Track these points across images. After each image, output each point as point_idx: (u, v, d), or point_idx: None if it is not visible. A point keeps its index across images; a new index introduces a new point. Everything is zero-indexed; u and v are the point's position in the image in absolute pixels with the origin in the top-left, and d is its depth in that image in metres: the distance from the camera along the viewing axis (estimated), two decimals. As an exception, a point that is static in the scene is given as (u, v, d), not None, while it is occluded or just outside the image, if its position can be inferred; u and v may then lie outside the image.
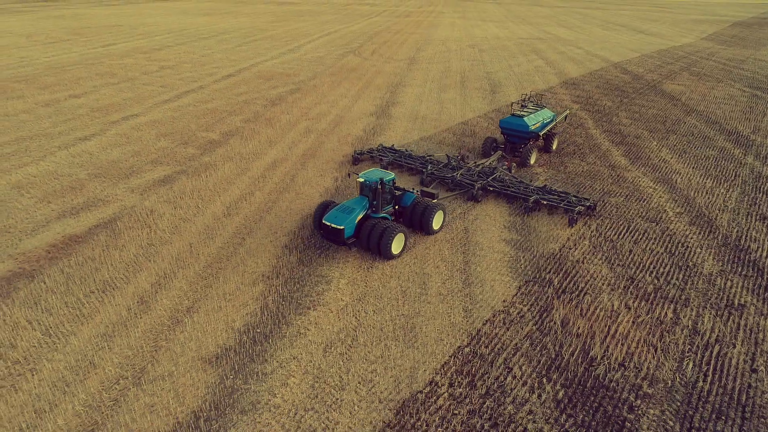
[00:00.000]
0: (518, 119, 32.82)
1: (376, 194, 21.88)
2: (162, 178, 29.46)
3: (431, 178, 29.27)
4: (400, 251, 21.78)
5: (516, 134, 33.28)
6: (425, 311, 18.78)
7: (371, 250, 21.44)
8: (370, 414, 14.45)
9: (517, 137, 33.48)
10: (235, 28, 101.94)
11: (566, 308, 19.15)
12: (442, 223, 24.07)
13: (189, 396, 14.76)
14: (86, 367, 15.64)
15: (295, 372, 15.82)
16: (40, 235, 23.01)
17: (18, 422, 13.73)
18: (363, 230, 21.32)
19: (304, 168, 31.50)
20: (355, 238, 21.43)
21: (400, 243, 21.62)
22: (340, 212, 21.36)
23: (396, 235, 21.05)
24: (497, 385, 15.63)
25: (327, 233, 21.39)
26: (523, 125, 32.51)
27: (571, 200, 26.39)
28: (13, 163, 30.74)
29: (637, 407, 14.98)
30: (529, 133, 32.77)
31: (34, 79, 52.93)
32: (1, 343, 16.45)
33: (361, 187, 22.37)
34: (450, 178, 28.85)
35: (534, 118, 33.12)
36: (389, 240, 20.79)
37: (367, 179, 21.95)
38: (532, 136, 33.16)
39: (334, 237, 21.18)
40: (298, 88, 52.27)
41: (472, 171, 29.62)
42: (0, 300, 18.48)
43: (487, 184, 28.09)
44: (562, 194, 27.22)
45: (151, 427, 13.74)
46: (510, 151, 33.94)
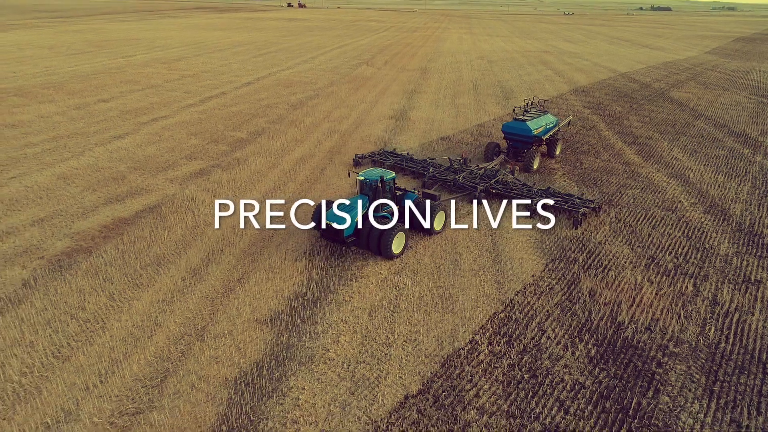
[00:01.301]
0: (521, 123, 32.61)
1: (377, 192, 21.49)
2: (198, 170, 30.90)
3: (433, 181, 28.93)
4: (400, 251, 21.30)
5: (519, 138, 33.04)
6: (460, 283, 19.98)
7: (371, 249, 20.96)
8: (417, 366, 15.61)
9: (519, 142, 33.21)
10: (249, 41, 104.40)
11: (593, 281, 20.34)
12: (444, 223, 23.70)
13: (249, 350, 15.97)
14: (151, 326, 16.87)
15: (345, 332, 17.02)
16: (91, 218, 24.38)
17: (97, 369, 14.95)
18: (363, 229, 20.84)
19: (332, 163, 32.91)
20: (354, 237, 20.95)
21: (400, 242, 21.15)
22: (339, 211, 20.68)
23: (396, 235, 20.63)
24: (533, 344, 16.79)
25: (326, 232, 21.02)
26: (525, 129, 32.31)
27: (575, 202, 26.12)
28: (54, 158, 32.26)
29: (665, 363, 16.10)
30: (531, 138, 32.53)
31: (62, 85, 54.81)
32: (71, 305, 17.71)
33: (361, 186, 21.92)
34: (452, 181, 28.49)
35: (537, 123, 32.99)
36: (389, 239, 20.34)
37: (368, 177, 21.53)
38: (534, 140, 32.94)
39: (333, 236, 20.83)
40: (316, 94, 53.97)
41: (474, 174, 29.39)
42: (64, 271, 19.77)
43: (490, 187, 27.63)
44: (566, 196, 26.89)
45: (218, 374, 14.94)
46: (513, 156, 33.77)
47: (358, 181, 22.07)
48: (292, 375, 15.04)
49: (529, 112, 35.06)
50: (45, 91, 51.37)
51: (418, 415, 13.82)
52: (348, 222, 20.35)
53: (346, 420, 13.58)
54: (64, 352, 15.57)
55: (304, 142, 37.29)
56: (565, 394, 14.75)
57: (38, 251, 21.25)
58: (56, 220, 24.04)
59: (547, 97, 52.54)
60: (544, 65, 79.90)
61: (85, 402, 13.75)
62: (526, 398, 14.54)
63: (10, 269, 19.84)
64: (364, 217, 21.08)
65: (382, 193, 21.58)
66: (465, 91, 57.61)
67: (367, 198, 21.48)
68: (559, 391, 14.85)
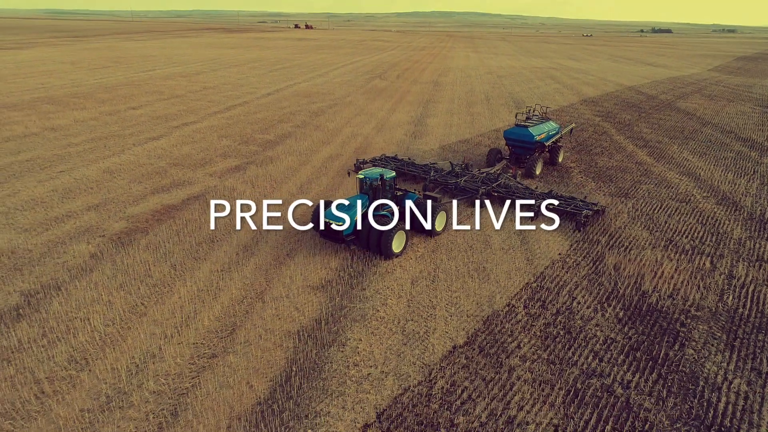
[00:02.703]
0: (523, 129, 32.54)
1: (377, 191, 21.38)
2: (234, 166, 32.66)
3: (434, 185, 28.69)
4: (401, 250, 21.00)
5: (521, 144, 32.98)
6: (492, 259, 21.50)
7: (370, 248, 20.57)
8: (461, 323, 17.08)
9: (521, 148, 33.13)
10: (262, 58, 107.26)
11: (616, 258, 21.84)
12: (445, 224, 23.44)
13: (306, 309, 17.47)
14: (215, 290, 18.40)
15: (391, 296, 18.52)
16: (142, 204, 26.06)
17: (172, 323, 16.46)
18: (363, 228, 20.62)
19: (361, 155, 34.61)
20: (354, 236, 20.80)
21: (400, 241, 20.88)
22: (339, 210, 20.57)
23: (396, 233, 20.38)
24: (565, 308, 18.25)
25: (325, 230, 20.99)
26: (527, 135, 32.27)
27: (578, 205, 25.82)
28: (97, 155, 34.09)
29: (688, 324, 17.52)
30: (533, 144, 32.47)
31: (90, 95, 57.03)
32: (138, 273, 19.28)
33: (361, 184, 21.68)
34: (453, 184, 28.12)
35: (539, 129, 32.96)
36: (389, 238, 20.09)
37: (367, 176, 21.37)
38: (537, 146, 32.86)
39: (332, 234, 20.78)
40: (335, 103, 56.03)
41: (476, 177, 29.12)
42: (125, 246, 21.38)
43: (492, 190, 27.43)
44: (568, 199, 26.70)
45: (281, 328, 16.42)
46: (515, 162, 33.51)
47: (357, 179, 21.88)
48: (348, 329, 16.51)
49: (531, 119, 35.04)
50: (75, 100, 53.52)
51: (467, 361, 15.25)
52: (347, 221, 20.25)
53: (402, 364, 15.01)
54: (139, 309, 17.10)
55: (329, 143, 39.09)
56: (599, 346, 16.16)
57: (98, 231, 22.88)
58: (110, 206, 25.71)
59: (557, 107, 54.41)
60: (552, 79, 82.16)
61: (167, 347, 15.24)
62: (563, 349, 15.95)
63: (76, 244, 21.46)
64: (363, 217, 20.85)
65: (382, 192, 21.37)
66: (478, 101, 59.61)
67: (366, 197, 21.28)
68: (593, 344, 16.26)
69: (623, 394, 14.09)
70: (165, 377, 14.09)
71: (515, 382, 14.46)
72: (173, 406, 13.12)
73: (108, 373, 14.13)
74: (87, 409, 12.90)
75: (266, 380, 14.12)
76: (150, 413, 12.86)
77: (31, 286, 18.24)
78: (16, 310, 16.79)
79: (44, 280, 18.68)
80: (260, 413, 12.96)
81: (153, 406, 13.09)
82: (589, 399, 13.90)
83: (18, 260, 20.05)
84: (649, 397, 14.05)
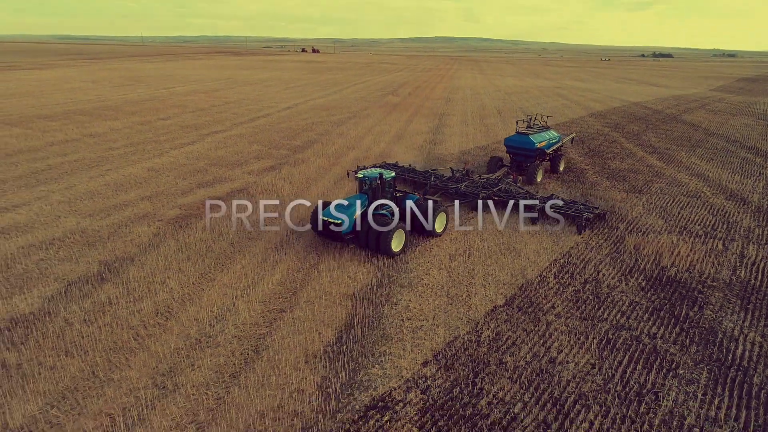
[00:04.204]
0: (524, 137, 32.67)
1: (376, 191, 21.54)
2: (268, 167, 34.76)
3: (435, 189, 28.92)
4: (400, 249, 20.97)
5: (522, 152, 33.03)
6: (520, 241, 23.33)
7: (369, 246, 20.63)
8: (498, 289, 18.86)
9: (522, 155, 33.18)
10: (275, 78, 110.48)
11: (636, 240, 23.65)
12: (445, 225, 23.55)
13: (358, 277, 19.30)
14: (272, 262, 20.24)
15: (432, 268, 20.34)
16: (190, 196, 28.07)
17: (240, 285, 18.31)
18: (362, 227, 20.64)
19: (387, 159, 36.68)
20: (352, 234, 20.87)
21: (400, 240, 20.91)
22: (338, 208, 20.79)
23: (395, 233, 20.43)
24: (592, 278, 20.02)
25: (324, 229, 21.11)
26: (529, 143, 32.33)
27: (579, 208, 25.78)
28: (139, 157, 36.26)
29: (705, 291, 19.25)
30: (534, 151, 32.50)
31: (118, 108, 59.58)
32: (200, 248, 21.20)
33: (360, 184, 21.85)
34: (454, 189, 28.22)
35: (540, 137, 33.14)
36: (388, 237, 20.10)
37: (367, 176, 21.54)
38: (538, 154, 32.96)
39: (331, 232, 20.88)
40: (353, 115, 58.44)
41: (476, 183, 29.33)
42: (183, 228, 23.32)
43: (493, 194, 27.53)
44: (570, 203, 26.74)
45: (338, 290, 18.23)
46: (516, 170, 33.44)
47: (357, 179, 22.05)
48: (398, 293, 18.32)
49: (531, 127, 35.13)
50: (105, 112, 56.04)
51: (508, 317, 17.01)
52: (346, 219, 20.38)
53: (450, 319, 16.78)
54: (208, 275, 18.97)
55: (354, 148, 41.24)
56: (625, 307, 17.91)
57: (156, 216, 24.86)
58: (161, 197, 27.73)
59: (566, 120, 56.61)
60: (560, 96, 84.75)
61: (239, 303, 17.07)
62: (593, 309, 17.70)
63: (138, 226, 23.42)
64: (363, 216, 20.99)
65: (382, 192, 21.55)
66: (490, 114, 61.98)
67: (366, 197, 21.46)
68: (620, 306, 18.01)
69: (650, 343, 15.80)
70: (243, 325, 15.90)
71: (552, 333, 16.20)
72: (254, 346, 14.90)
73: (192, 322, 15.95)
74: (180, 347, 14.69)
75: (332, 329, 15.90)
76: (235, 351, 14.64)
77: (108, 257, 20.16)
78: (99, 275, 18.68)
79: (117, 253, 20.59)
80: (331, 352, 14.72)
81: (236, 346, 14.88)
82: (620, 346, 15.62)
83: (89, 238, 22.00)
84: (674, 344, 15.76)
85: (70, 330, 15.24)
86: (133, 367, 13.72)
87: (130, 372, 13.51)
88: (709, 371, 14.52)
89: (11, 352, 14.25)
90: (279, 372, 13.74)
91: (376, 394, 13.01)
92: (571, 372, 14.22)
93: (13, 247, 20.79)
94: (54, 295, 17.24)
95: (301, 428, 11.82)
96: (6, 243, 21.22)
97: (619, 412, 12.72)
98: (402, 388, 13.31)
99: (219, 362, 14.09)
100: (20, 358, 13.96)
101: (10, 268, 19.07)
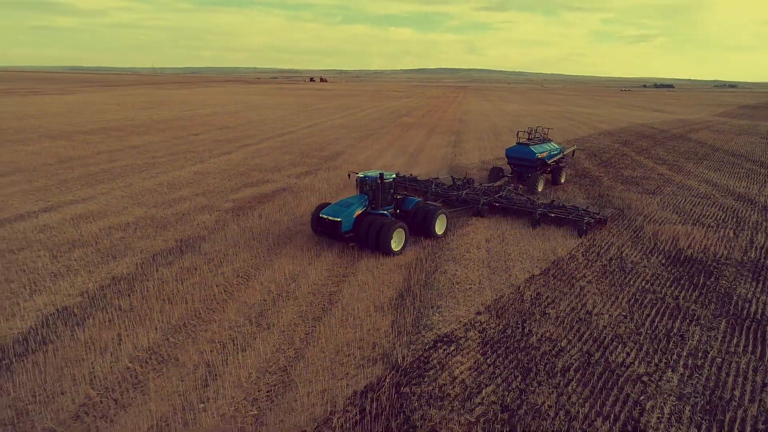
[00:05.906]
0: (525, 147, 33.07)
1: (376, 190, 21.83)
2: (304, 171, 37.32)
3: (436, 197, 29.18)
4: (400, 248, 21.05)
5: (523, 163, 33.30)
6: (547, 228, 25.59)
7: (369, 246, 20.72)
8: (533, 264, 21.06)
9: (523, 166, 33.39)
10: (290, 103, 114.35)
11: (654, 227, 25.91)
12: (444, 228, 23.73)
13: (407, 253, 21.50)
14: (319, 249, 22.31)
15: (472, 248, 22.59)
16: (240, 193, 30.55)
17: (303, 257, 20.59)
18: (362, 226, 20.78)
19: (413, 168, 39.24)
20: (352, 234, 21.02)
21: (399, 239, 20.98)
22: (337, 207, 21.18)
23: (395, 230, 20.47)
24: (616, 257, 22.21)
25: (324, 228, 21.20)
26: (529, 153, 32.69)
27: (579, 213, 25.91)
28: (182, 163, 38.92)
29: (719, 267, 21.42)
30: (535, 162, 32.81)
31: (149, 126, 62.65)
32: (260, 231, 23.53)
33: (361, 185, 22.01)
34: (455, 196, 28.46)
35: (541, 147, 33.55)
36: (388, 235, 20.25)
37: (367, 176, 21.79)
38: (538, 164, 33.21)
39: (330, 231, 20.92)
40: (373, 133, 61.34)
41: (477, 190, 29.63)
42: (241, 216, 25.72)
43: (494, 200, 27.86)
44: (570, 208, 26.87)
45: (392, 262, 20.43)
46: (517, 180, 33.68)
47: (357, 179, 22.21)
48: (444, 264, 20.54)
49: (532, 139, 35.58)
50: (138, 129, 59.08)
51: (545, 282, 19.21)
52: (344, 218, 20.67)
53: (494, 283, 18.97)
54: (274, 250, 21.28)
55: (380, 158, 43.86)
56: (648, 278, 20.04)
57: (213, 208, 27.29)
58: (214, 193, 30.22)
59: (576, 137, 59.25)
60: (567, 119, 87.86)
61: (307, 269, 19.33)
62: (620, 279, 19.85)
63: (200, 215, 25.84)
64: (363, 216, 21.30)
65: (382, 192, 21.85)
66: (503, 132, 64.87)
67: (366, 197, 21.80)
68: (643, 276, 20.17)
69: (673, 302, 17.94)
70: (314, 285, 18.14)
71: (586, 294, 18.36)
72: (328, 299, 17.13)
73: (270, 281, 18.20)
74: (263, 299, 16.92)
75: (392, 289, 18.11)
76: (312, 302, 16.86)
77: (181, 236, 22.53)
78: (178, 249, 21.03)
79: (188, 234, 22.97)
80: (396, 304, 16.92)
81: (313, 299, 17.10)
82: (647, 303, 17.76)
83: (160, 222, 24.41)
84: (695, 303, 17.89)
85: (166, 286, 17.51)
86: (230, 312, 15.94)
87: (229, 314, 15.74)
88: (727, 322, 16.62)
89: (122, 299, 16.51)
90: (354, 316, 15.93)
91: (441, 333, 15.16)
92: (606, 320, 16.35)
93: (95, 228, 23.20)
94: (143, 262, 19.55)
95: (382, 354, 13.97)
96: (88, 225, 23.64)
97: (651, 347, 14.82)
98: (462, 329, 15.46)
99: (301, 309, 16.30)
100: (132, 304, 16.21)
101: (99, 243, 21.44)
